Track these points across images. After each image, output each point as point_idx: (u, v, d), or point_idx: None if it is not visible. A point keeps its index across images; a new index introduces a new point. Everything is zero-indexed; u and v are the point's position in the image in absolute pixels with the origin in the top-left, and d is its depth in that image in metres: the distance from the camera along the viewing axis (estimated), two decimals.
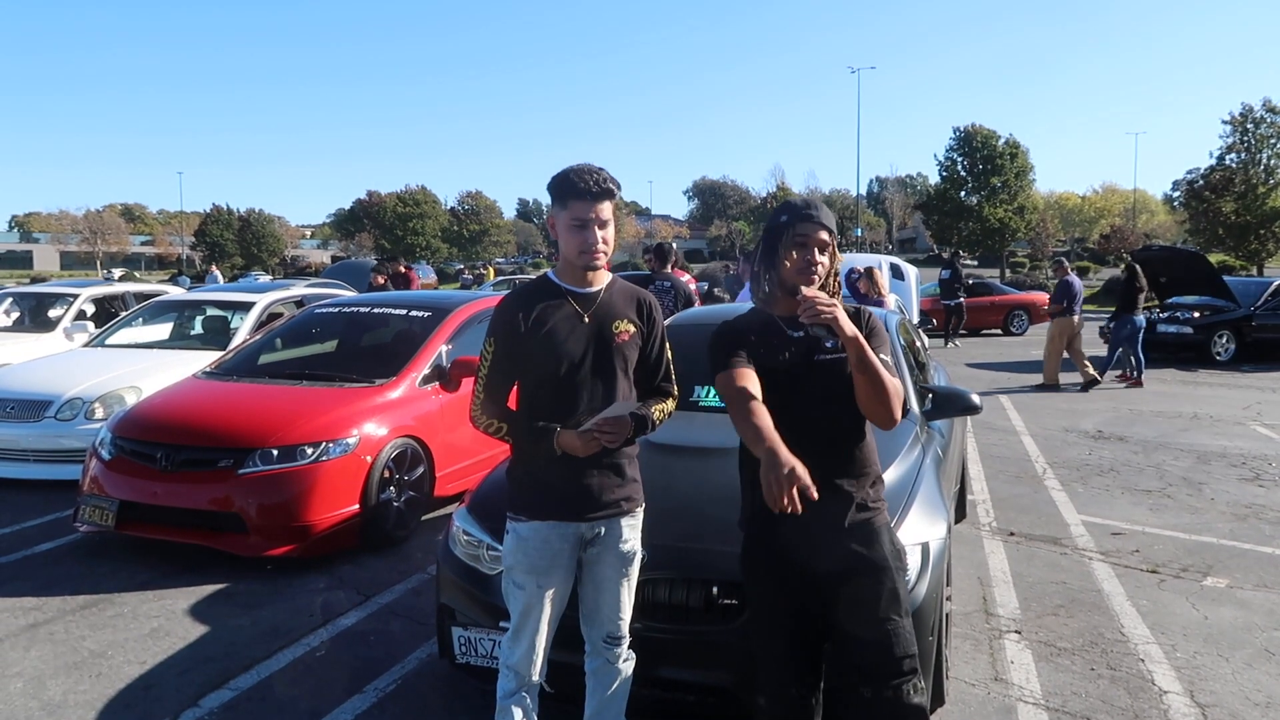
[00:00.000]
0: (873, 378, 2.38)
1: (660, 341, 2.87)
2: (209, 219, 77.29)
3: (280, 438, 5.20)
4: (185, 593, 4.87)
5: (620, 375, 2.73)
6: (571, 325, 2.68)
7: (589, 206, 2.61)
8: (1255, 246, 39.41)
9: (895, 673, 2.44)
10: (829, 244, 2.54)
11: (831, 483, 2.46)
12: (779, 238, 2.55)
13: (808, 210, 2.56)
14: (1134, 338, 13.14)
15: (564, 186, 2.63)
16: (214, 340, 8.74)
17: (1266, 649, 4.17)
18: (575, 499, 2.70)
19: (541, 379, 2.69)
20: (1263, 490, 7.02)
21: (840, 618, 2.48)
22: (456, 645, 3.40)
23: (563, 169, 2.66)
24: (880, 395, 2.39)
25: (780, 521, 2.42)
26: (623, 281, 2.86)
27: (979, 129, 48.58)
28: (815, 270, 2.51)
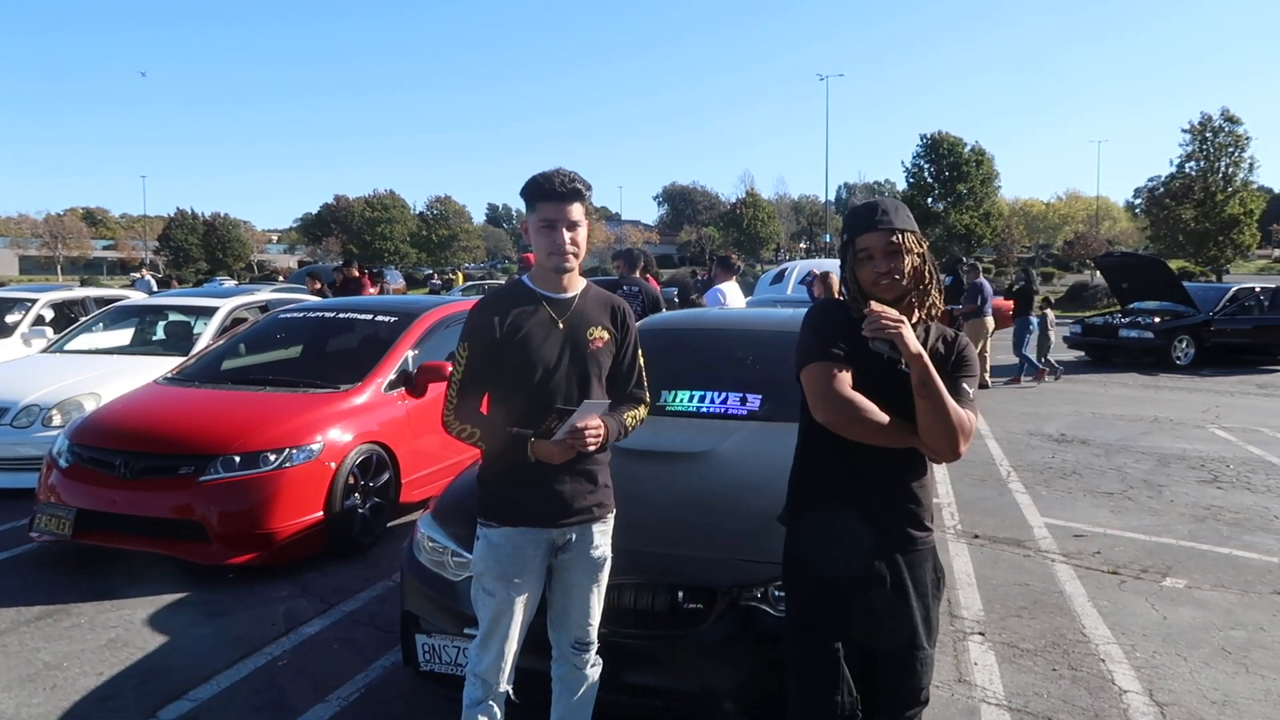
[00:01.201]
0: (935, 404, 2.21)
1: (633, 349, 2.88)
2: (173, 223, 76.24)
3: (243, 444, 5.14)
4: (144, 602, 4.78)
5: (594, 381, 2.73)
6: (546, 331, 2.67)
7: (557, 208, 2.62)
8: (1214, 253, 40.20)
9: (913, 701, 2.39)
10: (900, 245, 2.29)
11: (889, 498, 2.36)
12: (845, 255, 2.38)
13: (869, 218, 2.33)
14: (1026, 340, 13.98)
15: (533, 189, 2.64)
16: (176, 346, 8.61)
17: (1223, 648, 4.23)
18: (547, 505, 2.69)
19: (515, 384, 2.68)
20: (1221, 492, 7.14)
21: (871, 639, 2.36)
22: (421, 653, 3.37)
23: (535, 174, 2.65)
24: (941, 424, 2.22)
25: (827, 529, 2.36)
26: (597, 288, 2.86)
27: (945, 136, 49.22)
28: (891, 280, 2.30)
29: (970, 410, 2.30)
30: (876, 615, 2.35)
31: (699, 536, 3.33)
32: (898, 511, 2.37)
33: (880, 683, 2.37)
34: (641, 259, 8.68)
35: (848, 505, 2.36)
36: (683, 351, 5.20)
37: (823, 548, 2.39)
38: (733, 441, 4.09)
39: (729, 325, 5.71)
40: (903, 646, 2.36)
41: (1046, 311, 14.84)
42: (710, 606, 3.07)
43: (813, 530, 2.42)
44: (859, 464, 2.32)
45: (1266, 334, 16.42)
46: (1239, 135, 39.87)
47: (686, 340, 5.40)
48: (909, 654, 2.36)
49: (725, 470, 3.85)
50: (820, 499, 2.41)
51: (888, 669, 2.37)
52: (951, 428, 2.23)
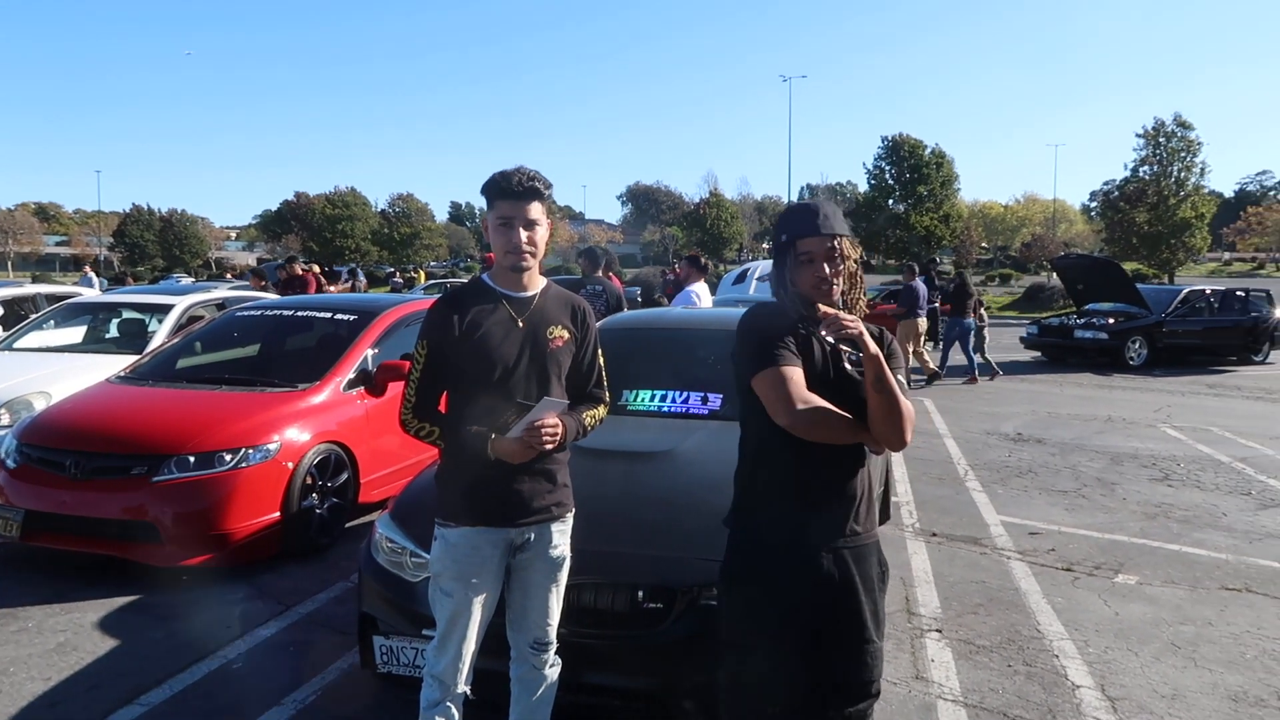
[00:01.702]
0: (889, 398, 2.26)
1: (593, 348, 2.88)
2: (128, 219, 74.79)
3: (197, 444, 5.05)
4: (95, 605, 4.69)
5: (554, 381, 2.72)
6: (506, 330, 2.66)
7: (514, 206, 2.61)
8: (1166, 255, 41.08)
9: (864, 694, 2.40)
10: (838, 250, 2.34)
11: (836, 495, 2.38)
12: (784, 256, 2.39)
13: (809, 221, 2.35)
14: (965, 339, 14.30)
15: (492, 187, 2.63)
16: (130, 344, 8.44)
17: (1173, 643, 4.32)
18: (506, 505, 2.67)
19: (474, 383, 2.66)
20: (1171, 490, 7.29)
21: (820, 635, 2.38)
22: (378, 654, 3.34)
23: (495, 172, 2.64)
24: (894, 417, 2.27)
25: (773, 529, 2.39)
26: (557, 287, 2.86)
27: (906, 138, 49.75)
28: (830, 286, 2.34)
29: (909, 399, 2.37)
30: (825, 611, 2.36)
31: (660, 536, 3.34)
32: (844, 508, 2.39)
33: (831, 677, 2.38)
34: (604, 258, 8.67)
35: (797, 505, 2.37)
36: (644, 351, 5.20)
37: (773, 548, 2.39)
38: (694, 441, 4.10)
39: (691, 325, 5.72)
40: (852, 641, 2.37)
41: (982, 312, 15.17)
42: (670, 606, 3.07)
43: (762, 531, 2.42)
44: (809, 464, 2.34)
45: (1216, 335, 16.81)
46: (1191, 140, 40.79)
47: (648, 340, 5.41)
48: (858, 648, 2.37)
49: (686, 469, 3.86)
50: (770, 500, 2.41)
51: (838, 663, 2.38)
52: (902, 419, 2.28)
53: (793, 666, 2.36)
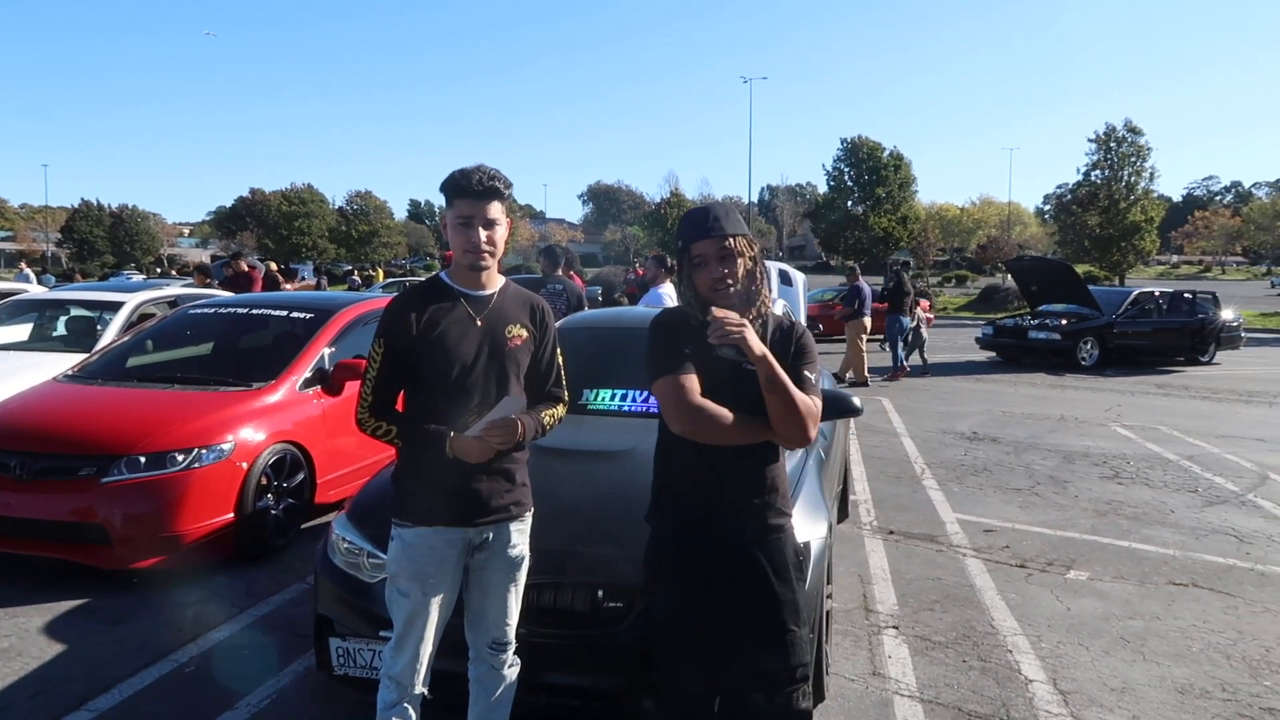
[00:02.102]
0: (783, 398, 2.32)
1: (552, 347, 2.87)
2: (77, 215, 73.09)
3: (148, 444, 4.95)
4: (41, 609, 4.57)
5: (512, 380, 2.71)
6: (464, 328, 2.64)
7: (473, 204, 2.59)
8: (1117, 258, 41.92)
9: (789, 680, 2.47)
10: (732, 250, 2.42)
11: (744, 491, 2.47)
12: (682, 261, 2.49)
13: (701, 225, 2.44)
14: (898, 336, 14.75)
15: (451, 185, 2.61)
16: (78, 342, 8.24)
17: (1122, 637, 4.41)
18: (464, 504, 2.65)
19: (432, 382, 2.63)
20: (1121, 488, 7.44)
21: (741, 625, 2.48)
22: (335, 657, 3.29)
23: (455, 170, 2.62)
24: (791, 416, 2.34)
25: (688, 524, 2.49)
26: (516, 286, 2.85)
27: (865, 141, 50.22)
28: (726, 286, 2.42)
29: (814, 396, 2.43)
30: (741, 603, 2.47)
31: (619, 535, 3.32)
32: (754, 503, 2.48)
33: (758, 667, 2.47)
34: (564, 257, 8.66)
35: (706, 501, 2.48)
36: (605, 350, 5.19)
37: (685, 543, 2.50)
38: (654, 440, 4.09)
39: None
40: (772, 630, 2.46)
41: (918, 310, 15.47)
42: (630, 605, 3.07)
43: (674, 526, 2.53)
44: (714, 461, 2.44)
45: (1165, 336, 17.18)
46: (1141, 145, 41.66)
47: (609, 339, 5.39)
48: (778, 637, 2.46)
49: (646, 468, 3.81)
50: (681, 497, 2.52)
51: (761, 652, 2.47)
52: (800, 417, 2.35)
53: (712, 654, 2.49)
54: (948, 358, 18.16)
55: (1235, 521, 6.46)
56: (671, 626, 2.54)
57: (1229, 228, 79.31)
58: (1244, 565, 5.51)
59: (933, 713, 3.63)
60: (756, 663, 2.47)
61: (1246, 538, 6.08)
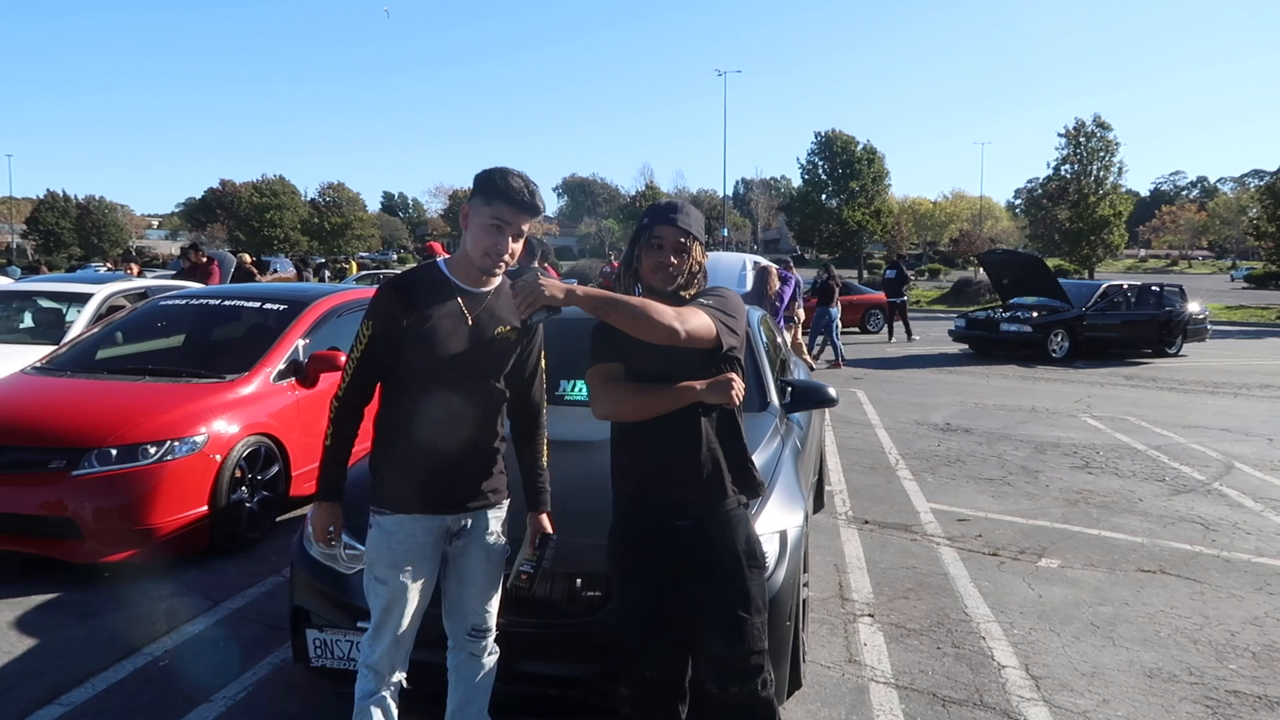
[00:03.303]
0: (620, 313, 2.30)
1: (538, 350, 2.87)
2: (43, 206, 72.03)
3: (119, 436, 4.89)
4: (10, 604, 4.51)
5: (493, 380, 2.70)
6: (455, 323, 2.61)
7: (514, 214, 2.55)
8: (1087, 252, 42.44)
9: (742, 669, 2.48)
10: (687, 246, 2.53)
11: (682, 475, 2.51)
12: (638, 239, 2.58)
13: (668, 213, 2.55)
14: (830, 328, 15.20)
15: (495, 185, 2.55)
16: (46, 334, 8.12)
17: (1093, 623, 4.48)
18: (442, 491, 2.65)
19: (413, 373, 2.61)
20: (1091, 477, 7.55)
21: (692, 612, 2.53)
22: (311, 648, 3.27)
23: (499, 167, 2.58)
24: (635, 320, 2.30)
25: (637, 511, 2.56)
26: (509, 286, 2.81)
27: (839, 134, 50.41)
28: (669, 271, 2.52)
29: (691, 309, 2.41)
30: (691, 589, 2.52)
31: (597, 524, 3.32)
32: (689, 482, 2.52)
33: (710, 654, 2.51)
34: (540, 249, 8.63)
35: (650, 486, 2.55)
36: (582, 342, 5.18)
37: (634, 529, 2.59)
38: None
39: None
40: (719, 615, 2.49)
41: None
42: (608, 594, 3.08)
43: (625, 514, 2.62)
44: (646, 442, 2.53)
45: (1133, 328, 17.44)
46: (1110, 140, 42.15)
47: (585, 330, 5.38)
48: (729, 623, 2.48)
49: None
50: (624, 478, 2.62)
51: (712, 637, 2.50)
52: (650, 316, 2.30)
53: (662, 635, 2.57)
54: (921, 350, 18.31)
55: (1201, 510, 6.58)
56: (627, 614, 2.61)
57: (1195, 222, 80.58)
58: (1210, 552, 5.61)
59: (908, 698, 3.68)
60: (709, 646, 2.51)
61: (1212, 525, 6.19)
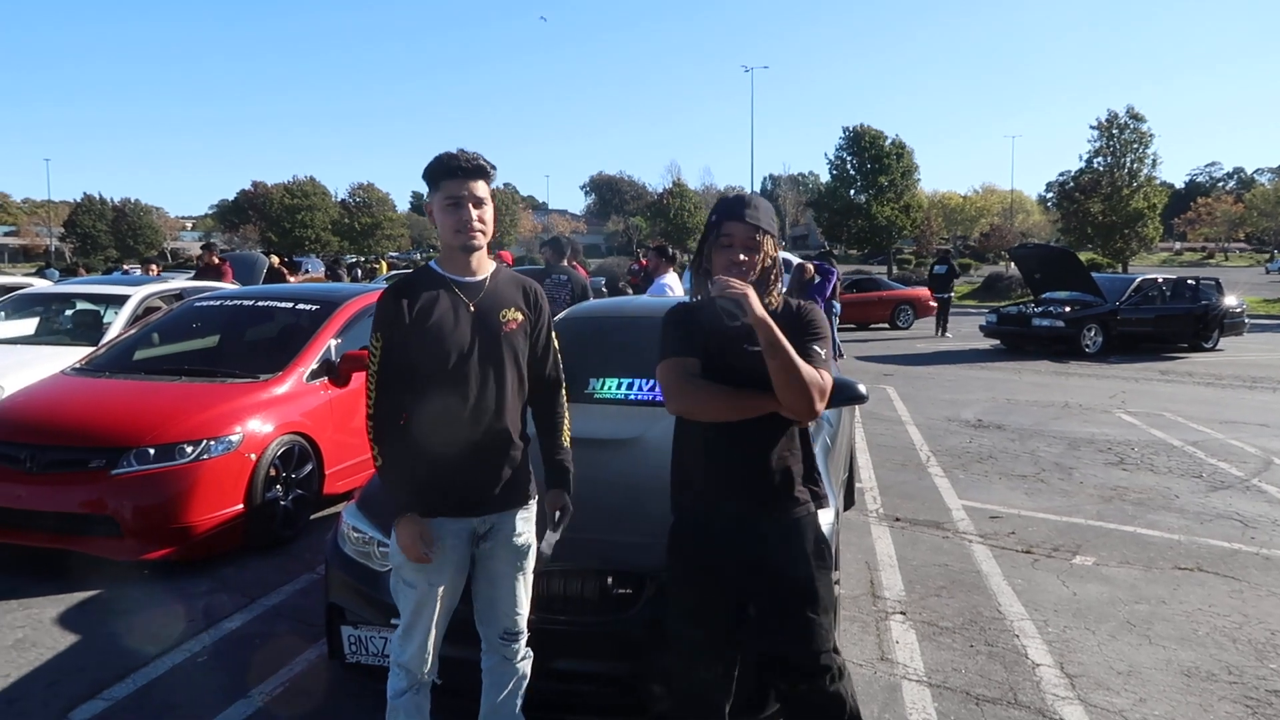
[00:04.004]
0: (784, 363, 2.29)
1: (547, 330, 2.85)
2: (80, 209, 73.24)
3: (157, 436, 4.97)
4: (54, 600, 4.61)
5: (509, 365, 2.69)
6: (457, 316, 2.61)
7: (462, 184, 2.57)
8: (1120, 245, 41.77)
9: (810, 668, 2.45)
10: (758, 242, 2.44)
11: (752, 473, 2.46)
12: (708, 236, 2.50)
13: (737, 208, 2.46)
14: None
15: (436, 168, 2.59)
16: (85, 335, 8.27)
17: (1129, 621, 4.43)
18: (466, 494, 2.65)
19: (429, 375, 2.61)
20: (1126, 474, 7.46)
21: (760, 612, 2.49)
22: (347, 645, 3.32)
23: (438, 154, 2.61)
24: (793, 383, 2.30)
25: (710, 512, 2.50)
26: (508, 270, 2.82)
27: (867, 129, 49.97)
28: (740, 270, 2.42)
29: (823, 370, 2.39)
30: (753, 585, 2.47)
31: (628, 522, 3.35)
32: (760, 484, 2.47)
33: (773, 650, 2.48)
34: (569, 247, 8.67)
35: (711, 481, 2.50)
36: (610, 339, 5.21)
37: (695, 523, 2.54)
38: (661, 428, 4.09)
39: (656, 313, 5.71)
40: (787, 615, 2.45)
41: None
42: (640, 591, 3.09)
43: (688, 510, 2.56)
44: (719, 441, 2.46)
45: (1168, 323, 17.18)
46: (1143, 132, 41.43)
47: (615, 328, 5.41)
48: (798, 623, 2.44)
49: (654, 456, 3.85)
50: (691, 477, 2.55)
51: (780, 638, 2.46)
52: (804, 385, 2.32)
53: (720, 638, 2.51)
54: (951, 346, 18.16)
55: (1240, 506, 6.48)
56: (684, 613, 2.56)
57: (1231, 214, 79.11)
58: (1249, 550, 5.52)
59: (940, 697, 3.66)
60: (776, 646, 2.47)
61: (1251, 522, 6.09)
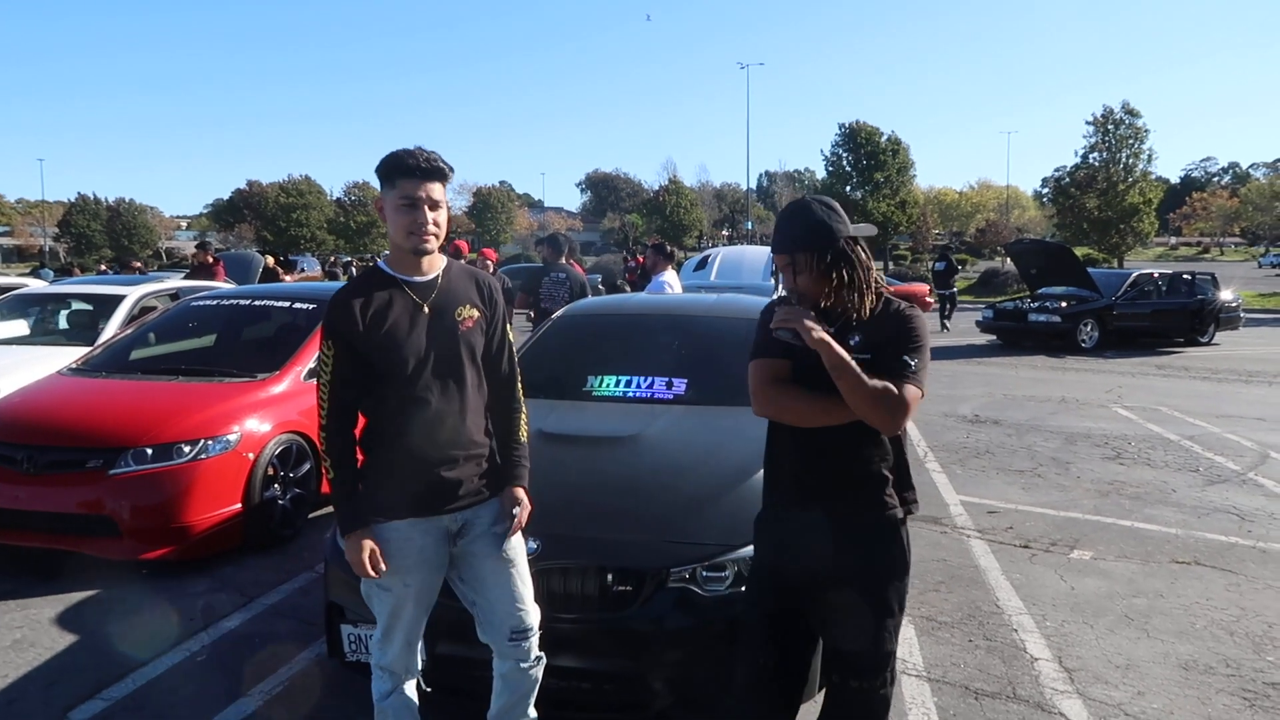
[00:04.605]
0: (847, 383, 2.28)
1: (503, 323, 2.77)
2: (74, 209, 73.06)
3: (155, 436, 4.97)
4: (52, 601, 4.60)
5: (468, 365, 2.63)
6: (412, 318, 2.55)
7: (418, 184, 2.49)
8: (1116, 240, 41.83)
9: (869, 666, 2.44)
10: (805, 262, 2.40)
11: (828, 474, 2.44)
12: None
13: (775, 235, 2.50)
14: None
15: (392, 165, 2.51)
16: (80, 335, 8.25)
17: (1126, 615, 4.44)
18: (433, 492, 2.60)
19: (385, 380, 2.54)
20: (1123, 468, 7.47)
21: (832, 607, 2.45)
22: (346, 643, 3.32)
23: (394, 150, 2.53)
24: (863, 401, 2.29)
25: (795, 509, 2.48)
26: (459, 264, 2.74)
27: (863, 126, 50.03)
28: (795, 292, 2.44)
29: (907, 382, 2.33)
30: (827, 582, 2.44)
31: (627, 520, 3.35)
32: (843, 486, 2.44)
33: (840, 645, 2.47)
34: (567, 245, 8.65)
35: (795, 481, 2.49)
36: (609, 337, 5.22)
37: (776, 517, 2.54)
38: (659, 425, 4.12)
39: (655, 311, 5.73)
40: (861, 616, 2.43)
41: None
42: (639, 589, 3.09)
43: (771, 502, 2.57)
44: (804, 443, 2.44)
45: (1164, 318, 17.20)
46: (1138, 127, 41.47)
47: (612, 326, 5.42)
48: (867, 623, 2.42)
49: (652, 454, 3.88)
50: (777, 476, 2.54)
51: (847, 634, 2.45)
52: (873, 402, 2.29)
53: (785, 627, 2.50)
54: (948, 341, 18.18)
55: (1237, 500, 6.49)
56: (756, 602, 2.57)
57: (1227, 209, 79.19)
58: (1246, 543, 5.54)
59: (940, 691, 3.67)
60: (841, 645, 2.47)
61: (1248, 516, 6.11)
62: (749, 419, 2.69)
